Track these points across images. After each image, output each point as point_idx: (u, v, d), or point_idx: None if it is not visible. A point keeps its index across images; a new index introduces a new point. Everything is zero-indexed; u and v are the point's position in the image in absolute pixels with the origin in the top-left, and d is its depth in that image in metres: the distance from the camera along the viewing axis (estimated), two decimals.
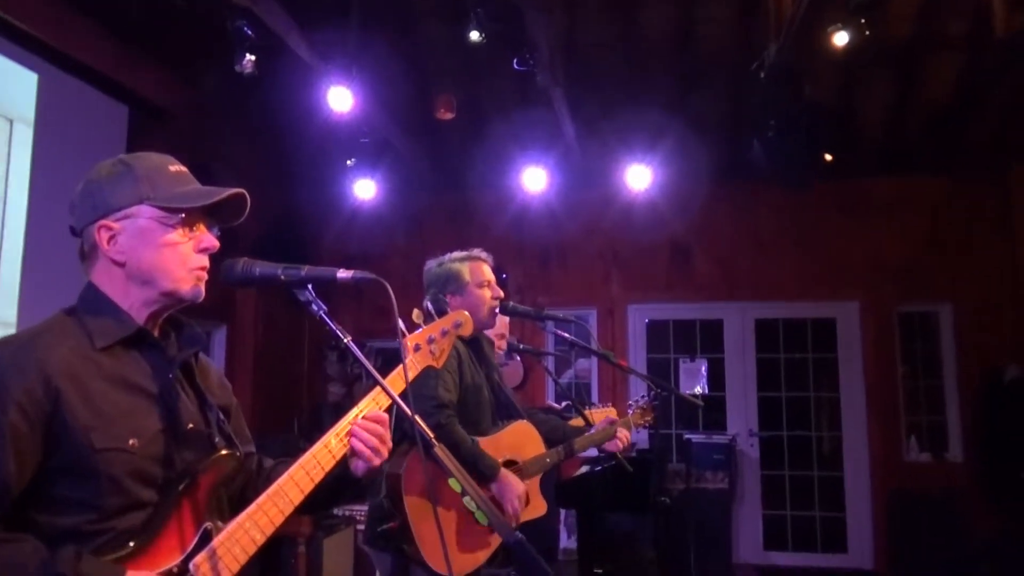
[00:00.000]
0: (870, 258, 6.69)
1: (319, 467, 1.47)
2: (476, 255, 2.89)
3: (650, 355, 7.16)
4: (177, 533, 1.32)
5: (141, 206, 1.41)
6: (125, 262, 1.40)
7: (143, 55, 4.81)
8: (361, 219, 6.99)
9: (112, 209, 1.40)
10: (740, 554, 6.58)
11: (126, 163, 1.46)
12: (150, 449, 1.34)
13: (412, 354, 1.67)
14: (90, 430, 1.27)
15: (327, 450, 1.49)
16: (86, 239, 1.42)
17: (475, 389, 2.73)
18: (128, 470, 1.30)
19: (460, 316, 1.80)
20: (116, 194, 1.41)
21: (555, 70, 5.07)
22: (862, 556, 6.53)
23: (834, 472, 6.77)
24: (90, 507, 1.27)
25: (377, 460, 1.53)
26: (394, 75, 5.66)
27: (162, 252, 1.41)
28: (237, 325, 6.21)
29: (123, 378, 1.35)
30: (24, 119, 4.07)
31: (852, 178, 6.63)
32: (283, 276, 1.55)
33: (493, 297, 2.84)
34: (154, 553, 1.29)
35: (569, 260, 7.21)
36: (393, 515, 2.42)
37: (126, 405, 1.33)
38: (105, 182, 1.42)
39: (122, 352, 1.38)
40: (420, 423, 1.55)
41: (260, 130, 6.23)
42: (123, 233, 1.40)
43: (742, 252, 6.92)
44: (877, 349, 6.68)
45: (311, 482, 1.45)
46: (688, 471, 6.26)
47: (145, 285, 1.41)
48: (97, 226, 1.39)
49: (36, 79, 4.14)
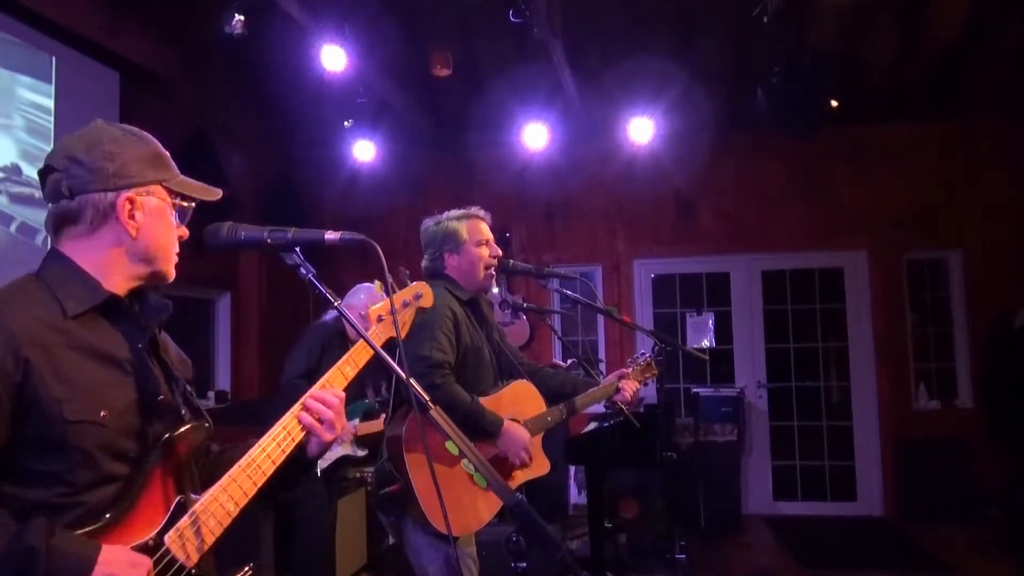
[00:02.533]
0: (877, 205, 6.60)
1: (290, 438, 1.46)
2: (474, 213, 2.83)
3: (657, 310, 7.13)
4: (151, 506, 1.30)
5: (157, 186, 1.41)
6: (137, 237, 1.37)
7: (131, 19, 4.71)
8: (361, 180, 6.92)
9: (137, 182, 1.38)
10: (750, 505, 6.63)
11: (141, 138, 1.44)
12: (121, 421, 1.31)
13: (375, 325, 1.66)
14: (61, 402, 1.25)
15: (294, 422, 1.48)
16: (94, 204, 1.35)
17: (475, 350, 2.70)
18: (99, 443, 1.28)
19: (420, 288, 1.78)
20: (140, 167, 1.39)
21: (553, 21, 4.95)
22: (871, 504, 6.57)
23: (843, 422, 6.78)
24: (61, 480, 1.25)
25: (328, 435, 1.50)
26: (387, 32, 5.54)
27: (167, 234, 1.43)
28: (241, 292, 6.20)
29: (93, 348, 1.32)
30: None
31: (858, 124, 6.51)
32: (269, 239, 1.51)
33: (491, 255, 2.79)
34: (128, 526, 1.27)
35: (573, 216, 7.14)
36: (395, 478, 2.42)
37: (97, 376, 1.30)
38: (127, 151, 1.39)
39: (92, 321, 1.34)
40: (415, 386, 1.52)
41: (255, 93, 6.14)
42: (142, 209, 1.38)
43: (747, 203, 6.84)
44: (885, 297, 6.63)
45: (282, 453, 1.44)
46: (696, 425, 6.28)
47: (142, 262, 1.40)
48: (123, 196, 1.36)
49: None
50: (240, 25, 4.41)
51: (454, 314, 2.65)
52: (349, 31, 4.83)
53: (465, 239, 2.76)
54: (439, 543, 2.46)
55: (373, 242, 1.50)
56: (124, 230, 1.36)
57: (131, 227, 1.36)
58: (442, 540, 2.44)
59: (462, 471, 2.50)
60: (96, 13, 4.46)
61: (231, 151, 5.96)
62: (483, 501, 2.55)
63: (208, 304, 6.10)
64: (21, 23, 4.01)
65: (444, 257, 2.77)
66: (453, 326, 2.62)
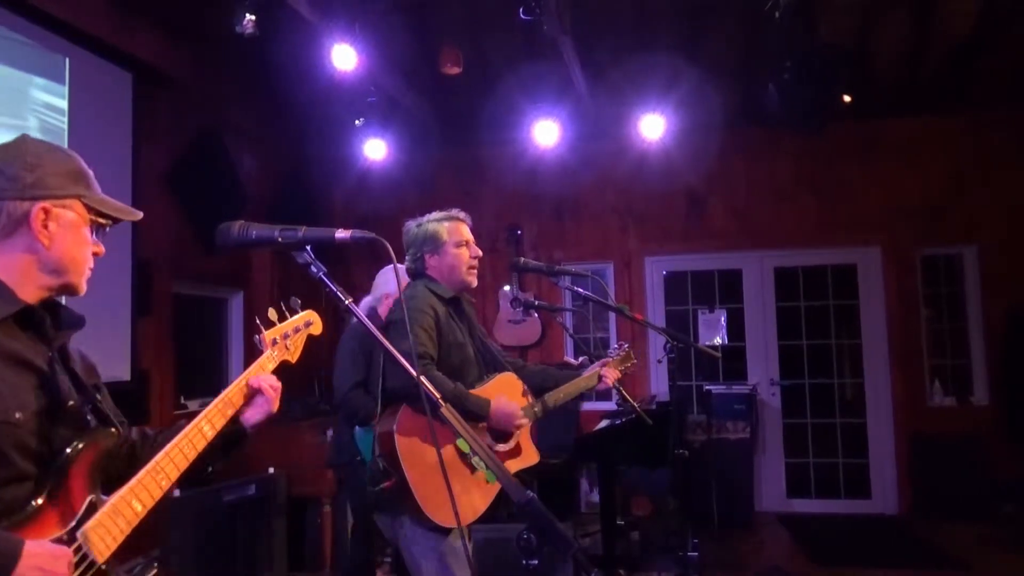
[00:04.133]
0: (890, 201, 6.56)
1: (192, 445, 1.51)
2: (455, 215, 2.85)
3: (668, 307, 7.11)
4: (63, 504, 1.35)
5: (75, 201, 1.45)
6: (49, 248, 1.42)
7: (143, 19, 4.74)
8: (372, 179, 6.94)
9: (54, 195, 1.42)
10: (763, 502, 6.60)
11: (65, 154, 1.50)
12: (33, 423, 1.37)
13: (270, 348, 1.70)
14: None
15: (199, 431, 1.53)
16: (9, 211, 1.40)
17: (459, 346, 2.73)
18: (12, 442, 1.33)
19: (310, 316, 1.81)
20: (59, 180, 1.43)
21: (562, 17, 4.94)
22: (886, 501, 6.53)
23: (857, 419, 6.74)
24: None
25: (275, 404, 1.62)
26: (398, 31, 5.55)
27: (80, 249, 1.47)
28: (253, 291, 6.22)
29: (10, 353, 1.37)
30: None
31: (869, 119, 6.47)
32: (280, 238, 1.54)
33: (472, 257, 2.83)
34: (42, 523, 1.32)
35: (584, 213, 7.13)
36: (388, 475, 2.42)
37: (11, 379, 1.36)
38: (48, 164, 1.44)
39: (8, 328, 1.39)
40: (426, 384, 1.52)
41: (267, 92, 6.16)
42: (57, 221, 1.42)
43: (759, 200, 6.81)
44: (899, 294, 6.59)
45: (186, 460, 1.49)
46: (709, 422, 6.26)
47: (53, 274, 1.44)
48: (38, 206, 1.40)
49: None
50: (251, 24, 4.42)
51: (435, 311, 2.67)
52: (359, 30, 4.84)
53: (445, 240, 2.79)
54: (434, 536, 2.47)
55: (383, 240, 1.51)
56: (36, 239, 1.40)
57: (43, 236, 1.41)
58: (437, 532, 2.46)
59: (457, 462, 2.51)
60: (108, 14, 4.48)
61: (243, 150, 5.99)
62: (478, 492, 2.57)
63: (221, 303, 6.13)
64: (35, 24, 4.04)
65: (425, 258, 2.80)
66: (434, 322, 2.65)
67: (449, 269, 2.79)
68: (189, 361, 5.42)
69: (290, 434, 4.88)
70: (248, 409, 1.63)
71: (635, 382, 6.79)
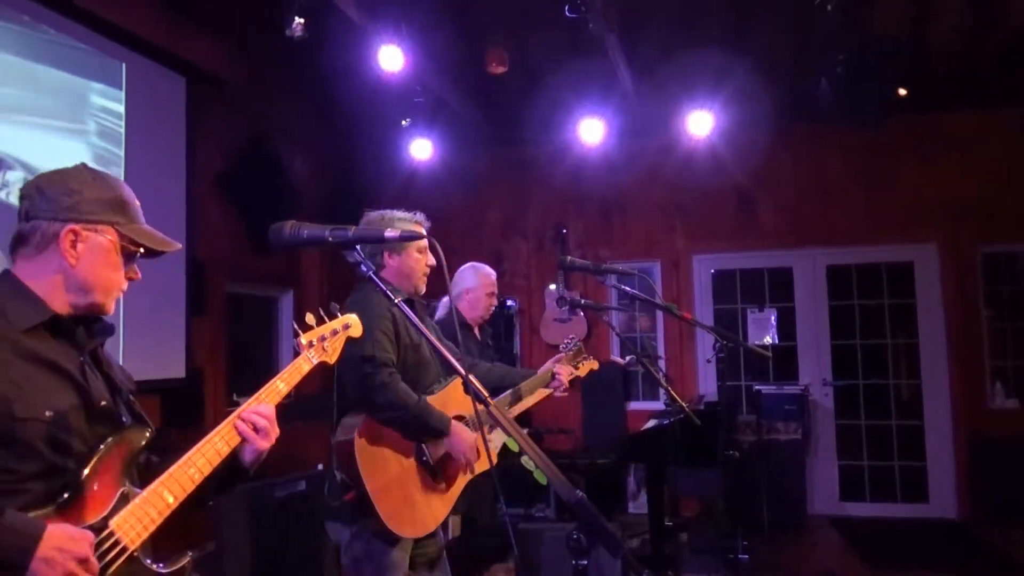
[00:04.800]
0: (947, 197, 6.36)
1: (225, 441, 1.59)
2: (418, 219, 2.78)
3: (717, 306, 7.02)
4: (97, 496, 1.44)
5: (109, 227, 1.55)
6: (75, 267, 1.52)
7: (195, 25, 4.85)
8: (419, 179, 6.98)
9: (86, 219, 1.52)
10: (815, 505, 6.46)
11: (109, 184, 1.59)
12: (65, 421, 1.45)
13: (306, 350, 1.74)
14: (11, 401, 1.39)
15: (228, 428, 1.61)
16: (43, 229, 1.51)
17: (414, 347, 2.67)
18: (44, 438, 1.42)
19: (349, 319, 1.85)
20: (95, 207, 1.53)
21: (608, 15, 4.91)
22: (944, 506, 6.34)
23: (914, 420, 6.55)
24: (6, 470, 1.39)
25: (263, 443, 1.64)
26: (444, 31, 5.58)
27: (108, 272, 1.56)
28: (303, 290, 6.32)
29: (40, 356, 1.46)
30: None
31: (926, 112, 6.27)
32: (330, 237, 1.58)
33: (427, 265, 2.76)
34: (77, 512, 1.41)
35: (630, 212, 7.08)
36: (348, 487, 2.40)
37: (42, 381, 1.45)
38: (88, 191, 1.54)
39: (40, 335, 1.49)
40: (474, 382, 1.52)
41: (315, 95, 6.26)
42: (85, 243, 1.52)
43: (810, 197, 6.67)
44: (958, 292, 6.39)
45: (218, 455, 1.58)
46: (759, 423, 6.15)
47: (80, 292, 1.54)
48: (67, 227, 1.51)
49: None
50: (300, 28, 4.49)
51: (392, 315, 2.60)
52: (406, 31, 4.88)
53: (408, 243, 2.70)
54: (384, 546, 2.46)
55: (432, 238, 1.52)
56: (64, 258, 1.50)
57: (70, 256, 1.51)
58: (381, 541, 2.45)
59: (414, 471, 2.50)
60: (163, 20, 4.60)
61: (293, 152, 6.08)
62: (438, 500, 2.56)
63: (271, 302, 6.24)
64: (93, 32, 4.16)
65: (384, 255, 2.71)
66: (392, 325, 2.59)
67: (408, 272, 2.72)
68: (241, 359, 5.53)
69: None
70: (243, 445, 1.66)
71: (683, 382, 6.72)
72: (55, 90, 3.93)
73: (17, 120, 3.69)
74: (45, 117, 3.86)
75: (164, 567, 1.51)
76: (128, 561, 1.43)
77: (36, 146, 3.75)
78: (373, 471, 2.40)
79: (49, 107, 3.88)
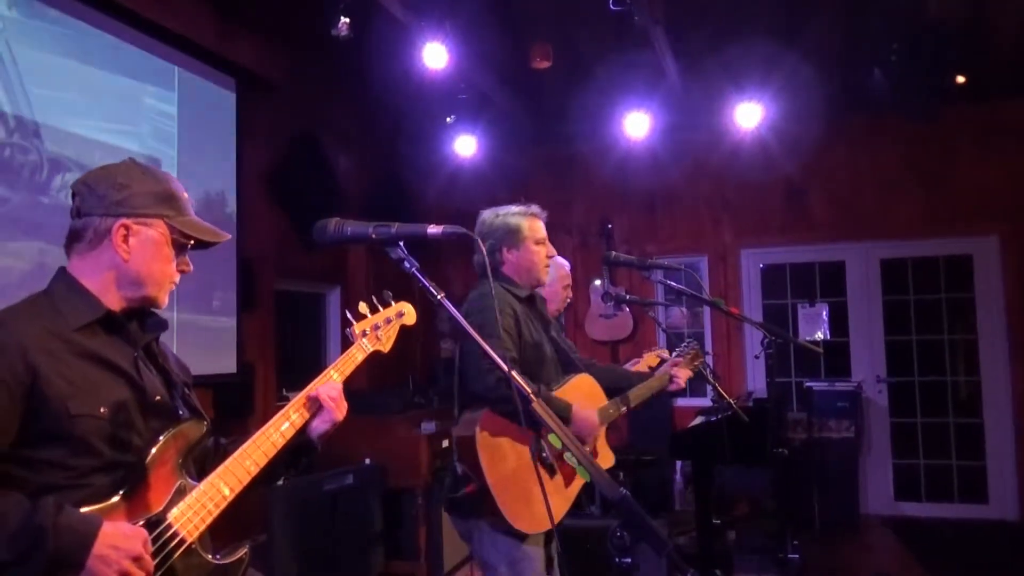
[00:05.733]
0: (1009, 187, 6.13)
1: (280, 433, 1.62)
2: (534, 211, 2.79)
3: (766, 301, 6.89)
4: (153, 489, 1.47)
5: (159, 220, 1.57)
6: (128, 261, 1.53)
7: (244, 27, 4.93)
8: (463, 175, 7.00)
9: (137, 212, 1.54)
10: (869, 505, 6.32)
11: (157, 177, 1.62)
12: (120, 417, 1.48)
13: (360, 339, 1.75)
14: (66, 398, 1.42)
15: (286, 419, 1.63)
16: (96, 225, 1.54)
17: (535, 346, 2.67)
18: (99, 434, 1.45)
19: (403, 307, 1.85)
20: (144, 200, 1.56)
21: (653, 6, 4.85)
22: (1004, 507, 6.13)
23: (973, 419, 6.35)
24: (66, 466, 1.42)
25: (339, 414, 1.68)
26: (488, 27, 5.57)
27: (160, 265, 1.58)
28: (350, 286, 6.40)
29: (94, 354, 1.49)
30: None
31: (985, 100, 6.05)
32: (374, 234, 1.59)
33: (547, 255, 2.78)
34: (134, 506, 1.44)
35: (676, 206, 6.99)
36: (469, 479, 2.40)
37: (96, 378, 1.48)
38: (138, 185, 1.57)
39: (93, 332, 1.52)
40: (517, 379, 1.52)
41: (361, 93, 6.31)
42: (137, 237, 1.54)
43: (863, 189, 6.50)
44: (1021, 286, 6.16)
45: (274, 447, 1.60)
46: (810, 420, 6.03)
47: (132, 286, 1.56)
48: (119, 222, 1.53)
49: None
50: (345, 27, 4.53)
51: (515, 311, 2.62)
52: (449, 28, 4.89)
53: (526, 236, 2.73)
54: (511, 540, 2.44)
55: (473, 234, 1.54)
56: (117, 253, 1.53)
57: (123, 251, 1.53)
58: (512, 538, 2.43)
59: (532, 467, 2.48)
60: (213, 23, 4.69)
61: (339, 150, 6.15)
62: (558, 496, 2.54)
63: (319, 298, 6.33)
64: (148, 36, 4.26)
65: (503, 252, 2.73)
66: (514, 323, 2.60)
67: (528, 266, 2.74)
68: (290, 354, 5.63)
69: (385, 426, 4.99)
70: (315, 419, 1.69)
71: (731, 378, 6.62)
72: (111, 93, 4.04)
73: (75, 123, 3.80)
74: (101, 120, 3.96)
75: (221, 559, 1.54)
76: (186, 553, 1.45)
77: (92, 148, 3.86)
78: (494, 465, 2.40)
79: (105, 110, 3.99)
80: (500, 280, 2.72)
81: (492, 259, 2.73)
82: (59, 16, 3.73)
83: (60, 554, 1.30)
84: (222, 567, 1.53)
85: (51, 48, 3.68)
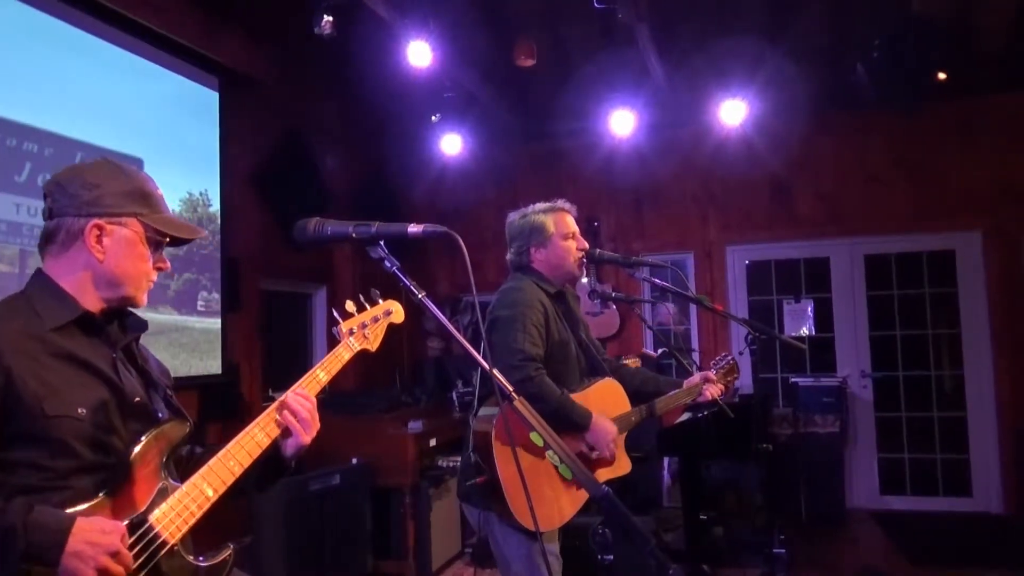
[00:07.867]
0: (991, 183, 6.18)
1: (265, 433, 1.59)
2: (560, 206, 2.80)
3: (752, 297, 6.92)
4: (135, 490, 1.44)
5: (133, 219, 1.54)
6: (103, 262, 1.51)
7: (227, 25, 4.90)
8: (450, 173, 7.00)
9: (110, 212, 1.52)
10: (854, 499, 6.36)
11: (129, 175, 1.58)
12: (98, 418, 1.46)
13: (347, 337, 1.73)
14: (41, 399, 1.40)
15: (271, 419, 1.60)
16: (68, 226, 1.52)
17: (562, 345, 2.67)
18: (77, 435, 1.42)
19: (391, 305, 1.83)
20: (117, 199, 1.53)
21: (638, 4, 4.86)
22: (989, 500, 6.20)
23: (956, 412, 6.41)
24: (42, 468, 1.40)
25: (306, 436, 1.62)
26: (472, 25, 5.57)
27: (136, 264, 1.55)
28: (336, 286, 6.38)
29: (71, 354, 1.47)
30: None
31: (968, 96, 6.10)
32: (354, 234, 1.59)
33: (578, 248, 2.77)
34: (116, 507, 1.41)
35: (662, 203, 7.01)
36: (481, 470, 2.42)
37: (74, 378, 1.46)
38: (109, 184, 1.54)
39: (71, 333, 1.49)
40: (499, 376, 1.52)
41: (346, 92, 6.30)
42: (110, 236, 1.52)
43: (847, 185, 6.54)
44: (1003, 280, 6.21)
45: (258, 447, 1.57)
46: (795, 415, 6.07)
47: (109, 286, 1.54)
48: (92, 223, 1.50)
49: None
50: (329, 25, 4.52)
51: (544, 308, 2.62)
52: (434, 26, 4.88)
53: (552, 232, 2.75)
54: (523, 537, 2.45)
55: (455, 234, 1.54)
56: (91, 254, 1.50)
57: (97, 251, 1.51)
58: (526, 535, 2.44)
59: (548, 466, 2.49)
60: (196, 21, 4.66)
61: (324, 149, 6.13)
62: (567, 496, 2.53)
63: (305, 298, 6.31)
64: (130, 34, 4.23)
65: (531, 251, 2.75)
66: (543, 320, 2.60)
67: (557, 262, 2.74)
68: (276, 354, 5.60)
69: (373, 426, 4.99)
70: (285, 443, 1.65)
71: None
72: (93, 92, 4.00)
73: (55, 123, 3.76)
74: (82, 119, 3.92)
75: (205, 560, 1.51)
76: (169, 555, 1.43)
77: (73, 148, 3.83)
78: (507, 463, 2.40)
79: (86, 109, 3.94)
80: (530, 275, 2.74)
81: (522, 259, 2.76)
82: (40, 14, 3.70)
83: (33, 552, 1.28)
84: (205, 569, 1.51)
85: (31, 46, 3.65)
